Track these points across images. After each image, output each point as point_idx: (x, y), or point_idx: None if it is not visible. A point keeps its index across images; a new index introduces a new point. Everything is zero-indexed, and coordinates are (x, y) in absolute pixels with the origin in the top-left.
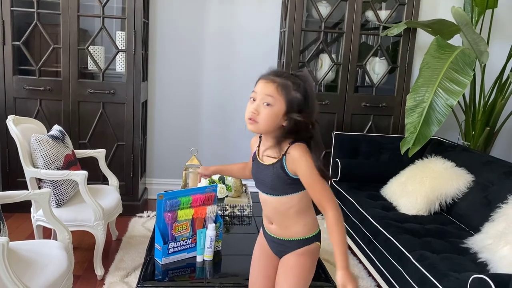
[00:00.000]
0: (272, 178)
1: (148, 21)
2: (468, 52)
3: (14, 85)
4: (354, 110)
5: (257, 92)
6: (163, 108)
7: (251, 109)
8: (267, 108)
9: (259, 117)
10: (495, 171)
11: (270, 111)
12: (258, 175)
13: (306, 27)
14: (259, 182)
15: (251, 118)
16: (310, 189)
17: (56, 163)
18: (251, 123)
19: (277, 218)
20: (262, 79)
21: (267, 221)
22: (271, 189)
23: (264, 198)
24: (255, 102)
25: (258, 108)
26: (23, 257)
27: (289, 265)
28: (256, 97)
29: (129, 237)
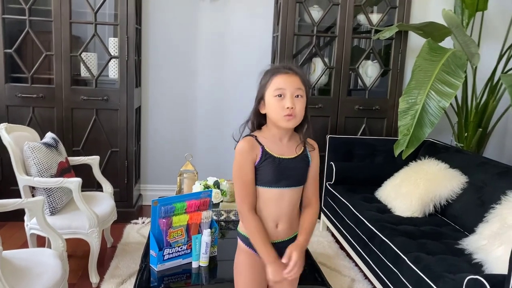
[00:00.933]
0: (301, 170)
1: (140, 27)
2: (459, 54)
3: (7, 93)
4: (347, 113)
5: (284, 87)
6: (157, 113)
7: (287, 105)
8: (300, 100)
9: (295, 111)
10: (488, 172)
11: (303, 103)
12: (283, 171)
13: (298, 32)
14: (284, 178)
15: (290, 113)
16: (313, 181)
17: (49, 171)
18: (290, 119)
19: (288, 214)
20: (282, 74)
21: (273, 225)
22: (298, 180)
23: (281, 194)
24: (286, 97)
25: (294, 102)
26: (17, 266)
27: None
28: (284, 93)
29: (124, 244)
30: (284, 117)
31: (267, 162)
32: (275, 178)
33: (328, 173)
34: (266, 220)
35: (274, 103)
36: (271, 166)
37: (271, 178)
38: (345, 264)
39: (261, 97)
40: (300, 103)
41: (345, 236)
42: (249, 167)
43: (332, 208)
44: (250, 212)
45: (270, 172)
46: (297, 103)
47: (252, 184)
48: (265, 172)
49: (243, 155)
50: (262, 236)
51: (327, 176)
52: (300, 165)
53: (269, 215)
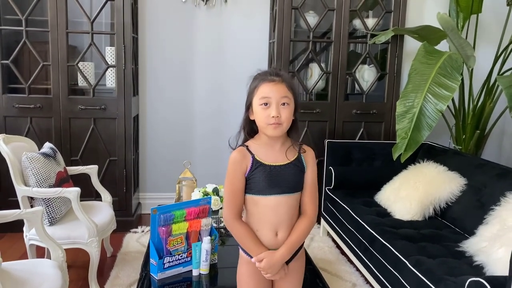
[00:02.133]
0: (294, 176)
1: (137, 36)
2: (455, 57)
3: (4, 103)
4: (345, 118)
5: (269, 96)
6: (155, 122)
7: (273, 114)
8: (286, 108)
9: (281, 119)
10: (487, 173)
11: (289, 111)
12: (275, 178)
13: (294, 37)
14: (276, 185)
15: (276, 122)
16: (309, 188)
17: (48, 181)
18: (276, 127)
19: (287, 221)
20: (267, 82)
21: (272, 235)
22: (292, 187)
23: (278, 202)
24: (272, 106)
25: (279, 110)
26: (17, 277)
27: (294, 271)
28: (270, 102)
29: (124, 253)
30: (270, 125)
31: (258, 171)
32: (268, 186)
33: (327, 178)
34: (265, 229)
35: (260, 112)
36: (262, 173)
37: (264, 185)
38: (346, 269)
39: (249, 103)
40: (286, 111)
41: (345, 241)
42: (238, 177)
43: (332, 213)
44: (236, 219)
45: (262, 179)
46: (283, 111)
47: (240, 193)
48: (257, 181)
49: (234, 165)
50: (252, 238)
51: (326, 181)
52: (292, 171)
53: (268, 224)
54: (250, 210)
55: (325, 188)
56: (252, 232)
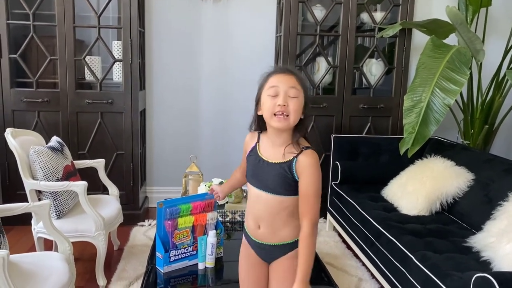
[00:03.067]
0: (276, 177)
1: (144, 30)
2: (464, 51)
3: (12, 97)
4: (352, 112)
5: (277, 85)
6: (162, 116)
7: (279, 102)
8: (294, 101)
9: (288, 109)
10: (495, 168)
11: (298, 103)
12: (258, 171)
13: (301, 31)
14: (257, 178)
15: (282, 112)
16: (303, 199)
17: (55, 175)
18: (281, 119)
19: (268, 219)
20: (278, 73)
21: (254, 225)
22: (270, 187)
23: (258, 195)
24: (280, 95)
25: (286, 99)
26: (24, 270)
27: (282, 269)
28: (278, 91)
29: (130, 246)
30: (275, 116)
31: (251, 158)
32: (251, 175)
33: (334, 172)
34: (250, 218)
35: (267, 102)
36: (252, 162)
37: (249, 173)
38: (352, 263)
39: (258, 98)
40: (294, 102)
41: (351, 236)
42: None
43: (338, 207)
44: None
45: (250, 167)
46: (291, 102)
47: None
48: (248, 166)
49: (244, 144)
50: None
51: (332, 175)
52: (275, 172)
53: (252, 214)
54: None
55: (331, 183)
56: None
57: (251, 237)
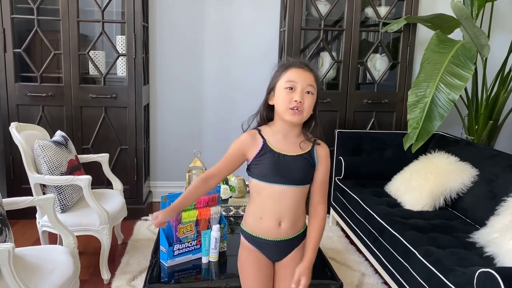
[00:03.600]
0: (302, 168)
1: (147, 25)
2: (469, 46)
3: (17, 92)
4: (356, 108)
5: (296, 81)
6: (165, 111)
7: (296, 98)
8: (310, 97)
9: (304, 106)
10: (499, 164)
11: (312, 100)
12: (281, 166)
13: (305, 26)
14: (281, 174)
15: (297, 107)
16: (321, 186)
17: (59, 169)
18: (295, 114)
19: (291, 212)
20: (297, 67)
21: (274, 224)
22: (298, 180)
23: (282, 191)
24: (297, 91)
25: (303, 96)
26: (29, 263)
27: (294, 262)
28: (295, 86)
29: (134, 240)
30: (290, 110)
31: (266, 156)
32: (273, 173)
33: (337, 167)
34: (268, 218)
35: (283, 95)
36: (270, 160)
37: (269, 172)
38: (355, 258)
39: (272, 88)
40: (309, 99)
41: (354, 231)
42: (236, 153)
43: (341, 202)
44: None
45: (268, 166)
46: (306, 99)
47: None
48: (263, 166)
49: (240, 143)
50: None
51: (336, 170)
52: (301, 164)
53: (271, 213)
54: (254, 198)
55: (334, 178)
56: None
57: (263, 239)
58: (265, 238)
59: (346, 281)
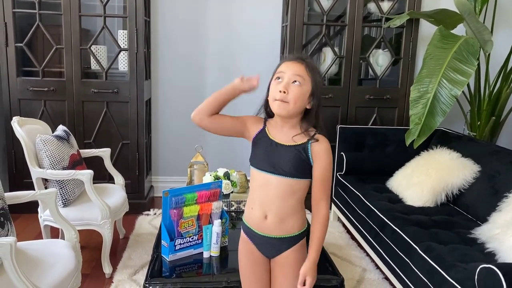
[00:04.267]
0: (291, 159)
1: (149, 19)
2: (472, 42)
3: (18, 86)
4: (358, 103)
5: (284, 71)
6: (167, 105)
7: (279, 88)
8: (297, 87)
9: (288, 96)
10: (501, 160)
11: (300, 90)
12: (271, 153)
13: (308, 21)
14: (269, 161)
15: (281, 99)
16: (320, 182)
17: (61, 163)
18: (280, 105)
19: (277, 206)
20: (288, 60)
21: (261, 215)
22: (284, 170)
23: (268, 180)
24: (284, 81)
25: (287, 86)
26: (31, 257)
27: (288, 263)
28: (283, 76)
29: (136, 235)
30: (276, 101)
31: (261, 141)
32: (262, 158)
33: (339, 163)
34: (256, 208)
35: (272, 86)
36: (263, 145)
37: (259, 158)
38: (356, 254)
39: (269, 83)
40: (295, 89)
41: (356, 226)
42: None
43: (343, 198)
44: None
45: (260, 152)
46: (292, 89)
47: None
48: (257, 151)
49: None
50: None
51: (338, 166)
52: (291, 154)
53: (259, 203)
54: (250, 187)
55: (336, 173)
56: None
57: (254, 231)
58: (254, 230)
59: (347, 276)
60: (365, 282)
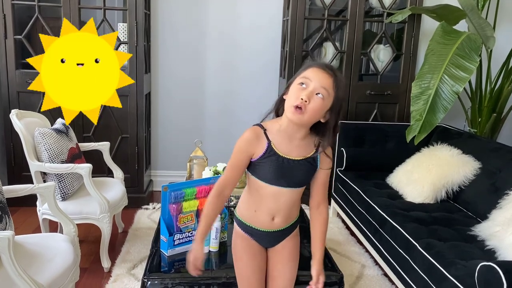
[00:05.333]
0: (305, 172)
1: (149, 12)
2: (474, 38)
3: (17, 79)
4: (359, 99)
5: (311, 79)
6: (167, 99)
7: (302, 96)
8: (319, 100)
9: (308, 106)
10: (502, 157)
11: (321, 104)
12: (285, 171)
13: (309, 15)
14: (283, 178)
15: (300, 106)
16: (324, 186)
17: (60, 157)
18: (295, 112)
19: (286, 210)
20: (318, 67)
21: (269, 218)
22: (299, 183)
23: (280, 193)
24: (307, 90)
25: (310, 96)
26: (29, 251)
27: (288, 250)
28: (308, 84)
29: (135, 229)
30: (292, 107)
31: (270, 159)
32: (275, 176)
33: (339, 159)
34: (263, 212)
35: (293, 90)
36: (274, 164)
37: (271, 175)
38: (356, 250)
39: (290, 83)
40: (316, 102)
41: (355, 222)
42: (243, 156)
43: (342, 194)
44: (214, 194)
45: (271, 169)
46: (313, 100)
47: (238, 170)
48: (265, 168)
49: (244, 144)
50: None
51: (338, 162)
52: (304, 168)
53: (266, 209)
54: (253, 191)
55: (336, 169)
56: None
57: (257, 229)
58: (258, 228)
59: (346, 272)
60: (364, 278)
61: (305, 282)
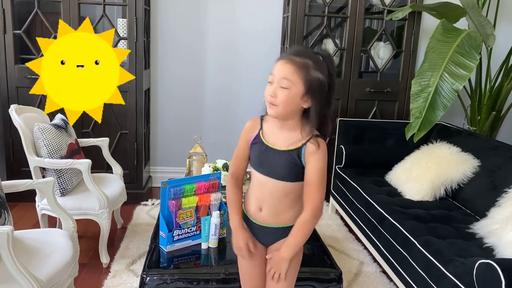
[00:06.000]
0: (284, 165)
1: (149, 8)
2: (474, 36)
3: (16, 74)
4: (358, 96)
5: (274, 74)
6: (166, 95)
7: (269, 93)
8: (284, 91)
9: (277, 100)
10: (501, 155)
11: (287, 94)
12: (265, 159)
13: (309, 12)
14: (264, 166)
15: (271, 102)
16: (307, 186)
17: (59, 152)
18: (270, 107)
19: (271, 204)
20: (280, 60)
21: (256, 208)
22: (277, 174)
23: (263, 181)
24: (273, 85)
25: (275, 91)
26: (28, 246)
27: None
28: (273, 80)
29: (134, 225)
30: (267, 103)
31: (256, 146)
32: (257, 163)
33: (338, 156)
34: (252, 202)
35: (266, 88)
36: (257, 150)
37: (255, 161)
38: (354, 247)
39: None
40: (281, 93)
41: (354, 219)
42: (243, 145)
43: (341, 191)
44: (230, 182)
45: (255, 155)
46: (279, 93)
47: (241, 159)
48: (253, 154)
49: (243, 132)
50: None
51: (337, 159)
52: (284, 160)
53: (254, 197)
54: (251, 177)
55: (335, 166)
56: (237, 202)
57: (251, 220)
58: (251, 219)
59: (344, 269)
60: (363, 275)
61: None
